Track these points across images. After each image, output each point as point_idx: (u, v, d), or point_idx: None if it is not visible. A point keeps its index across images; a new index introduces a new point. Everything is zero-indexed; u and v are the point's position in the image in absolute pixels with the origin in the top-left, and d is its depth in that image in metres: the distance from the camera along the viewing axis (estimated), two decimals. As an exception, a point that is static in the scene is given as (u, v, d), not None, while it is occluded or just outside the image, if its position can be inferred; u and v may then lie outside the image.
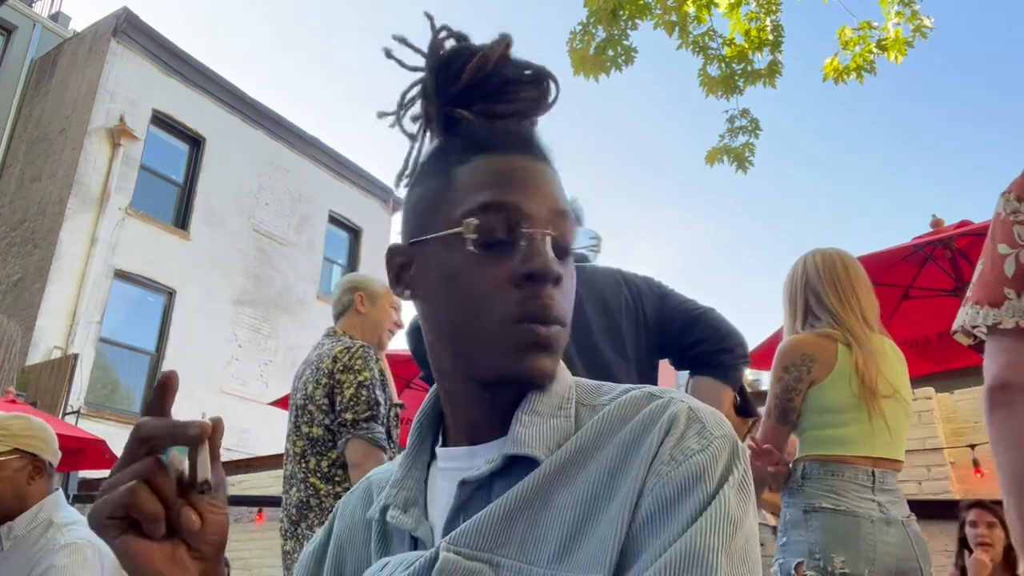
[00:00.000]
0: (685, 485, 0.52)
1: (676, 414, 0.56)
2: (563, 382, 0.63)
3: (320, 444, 2.10)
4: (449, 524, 0.59)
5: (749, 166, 4.30)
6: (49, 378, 7.92)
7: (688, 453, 0.54)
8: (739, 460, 0.55)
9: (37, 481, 1.76)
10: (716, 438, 0.55)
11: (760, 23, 4.20)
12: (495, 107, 0.64)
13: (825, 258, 1.99)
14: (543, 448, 0.57)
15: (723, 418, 0.58)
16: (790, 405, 1.88)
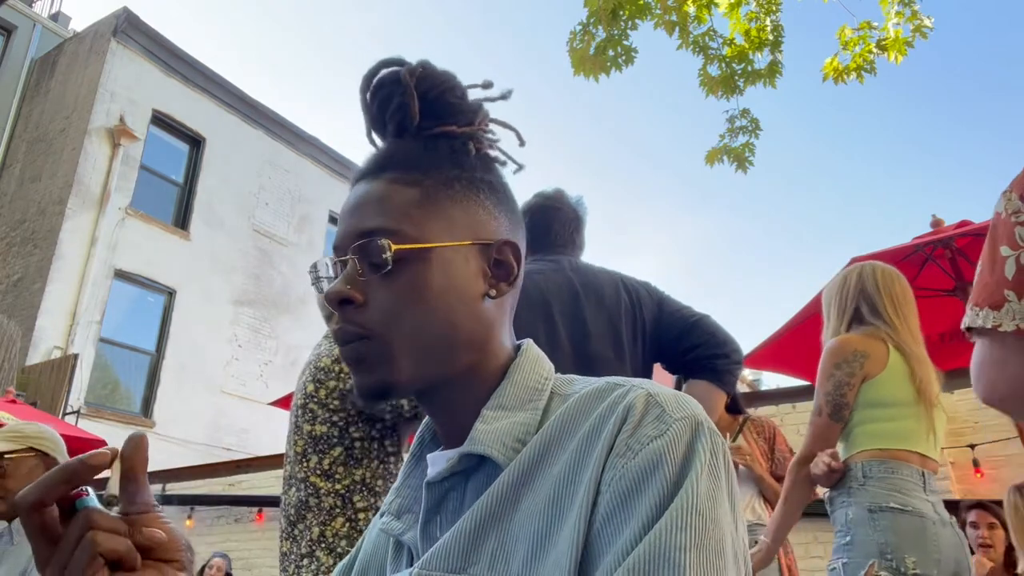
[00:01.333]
0: (642, 476, 0.49)
1: (633, 401, 0.53)
2: (534, 372, 0.61)
3: (323, 441, 2.09)
4: (423, 528, 0.59)
5: (749, 166, 4.30)
6: (49, 378, 7.92)
7: (644, 440, 0.50)
8: (704, 442, 0.50)
9: None
10: (676, 420, 0.51)
11: (760, 23, 4.20)
12: (369, 136, 0.66)
13: (885, 274, 2.04)
14: (498, 446, 0.56)
15: (688, 400, 0.54)
16: (843, 401, 1.90)
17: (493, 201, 0.63)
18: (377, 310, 0.58)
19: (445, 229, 0.60)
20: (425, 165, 0.62)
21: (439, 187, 0.61)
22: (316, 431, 2.10)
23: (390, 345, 0.58)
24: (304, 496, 2.07)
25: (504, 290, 0.62)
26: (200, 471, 7.05)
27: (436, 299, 0.58)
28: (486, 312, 0.61)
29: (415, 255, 0.58)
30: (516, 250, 0.63)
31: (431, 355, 0.59)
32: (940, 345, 4.89)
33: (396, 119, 0.63)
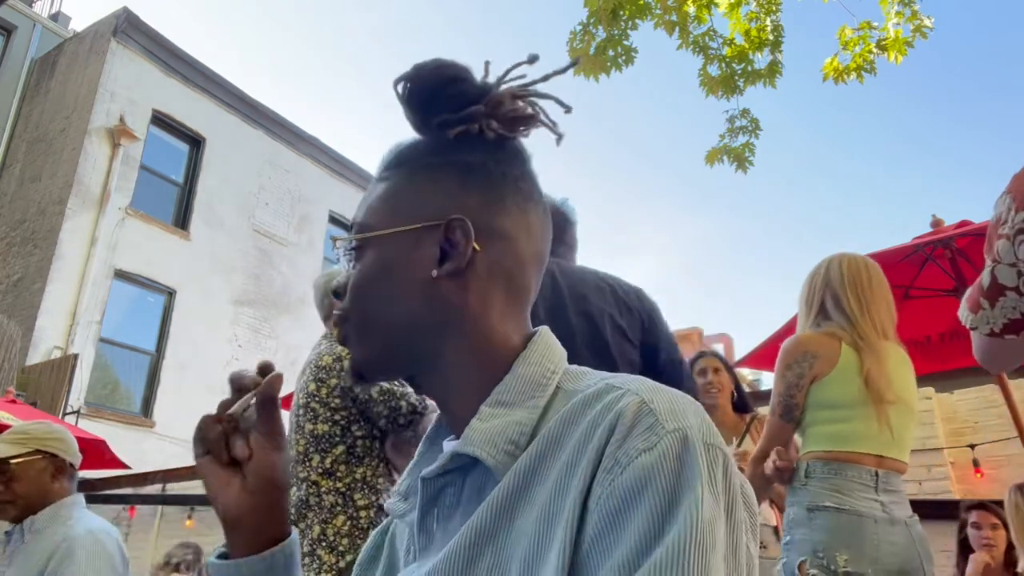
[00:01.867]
0: (630, 494, 0.45)
1: (623, 408, 0.49)
2: (539, 365, 0.59)
3: (325, 440, 2.09)
4: (420, 522, 0.59)
5: (749, 166, 4.30)
6: (49, 378, 7.92)
7: (632, 454, 0.46)
8: (701, 457, 0.46)
9: (59, 480, 1.87)
10: (667, 432, 0.46)
11: (760, 23, 4.20)
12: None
13: (851, 264, 2.01)
14: (488, 447, 0.54)
15: (687, 406, 0.49)
16: (793, 402, 1.89)
17: (458, 182, 0.61)
18: (348, 297, 0.63)
19: (396, 216, 0.62)
20: (400, 159, 0.64)
21: (403, 178, 0.63)
22: (318, 430, 2.10)
23: (353, 328, 0.62)
24: (305, 495, 2.07)
25: (448, 269, 0.59)
26: (200, 471, 7.04)
27: (383, 283, 0.61)
28: (446, 294, 0.59)
29: (369, 243, 0.62)
30: (465, 227, 0.59)
31: (385, 337, 0.61)
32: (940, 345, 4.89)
33: (410, 123, 0.65)
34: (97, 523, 1.82)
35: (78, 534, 1.73)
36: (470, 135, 0.62)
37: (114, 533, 1.81)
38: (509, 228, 0.62)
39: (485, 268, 0.60)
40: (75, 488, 1.91)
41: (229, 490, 0.60)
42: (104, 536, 1.76)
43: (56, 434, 1.91)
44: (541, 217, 0.65)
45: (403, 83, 0.63)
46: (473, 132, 0.62)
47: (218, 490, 0.60)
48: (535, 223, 0.64)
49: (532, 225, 0.63)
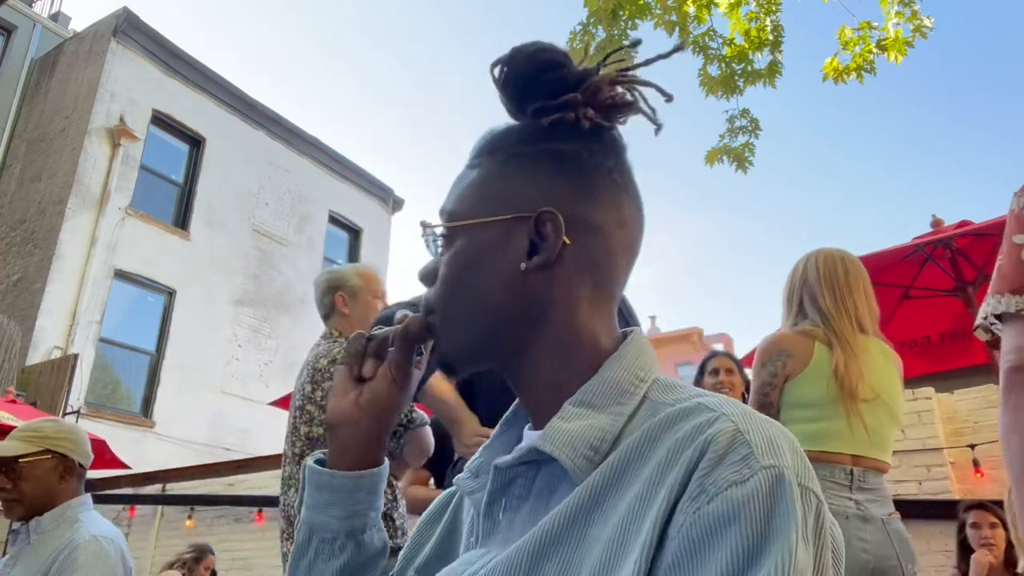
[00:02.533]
0: (716, 527, 0.43)
1: (716, 434, 0.46)
2: (629, 370, 0.57)
3: (320, 444, 2.09)
4: (487, 508, 0.59)
5: (749, 166, 4.30)
6: (49, 378, 7.92)
7: (721, 485, 0.44)
8: (796, 501, 0.44)
9: (67, 480, 1.85)
10: (762, 467, 0.44)
11: (760, 23, 4.20)
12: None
13: (827, 259, 2.00)
14: (568, 450, 0.53)
15: (784, 442, 0.47)
16: (767, 400, 1.89)
17: (550, 172, 0.60)
18: (438, 286, 0.63)
19: (487, 206, 0.61)
20: (493, 146, 0.63)
21: (496, 165, 0.62)
22: (313, 432, 2.09)
23: (441, 318, 0.62)
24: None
25: (536, 262, 0.58)
26: (200, 471, 7.05)
27: (471, 273, 0.60)
28: (534, 287, 0.59)
29: (459, 233, 0.61)
30: (555, 219, 0.58)
31: (473, 328, 0.61)
32: (940, 345, 4.89)
33: (505, 108, 0.64)
34: (102, 528, 1.80)
35: (81, 540, 1.71)
36: (565, 123, 0.60)
37: (118, 539, 1.79)
38: (600, 221, 0.60)
39: (574, 262, 0.59)
40: (83, 488, 1.89)
41: (344, 399, 0.65)
42: (107, 543, 1.74)
43: (67, 433, 1.88)
44: (634, 209, 0.63)
45: (500, 67, 0.61)
46: (569, 120, 0.60)
47: (336, 395, 0.65)
48: (628, 216, 0.62)
49: (625, 218, 0.62)
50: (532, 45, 0.61)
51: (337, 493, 0.64)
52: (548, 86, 0.60)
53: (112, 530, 1.82)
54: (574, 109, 0.60)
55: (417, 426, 2.07)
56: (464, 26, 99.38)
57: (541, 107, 0.60)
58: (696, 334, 26.64)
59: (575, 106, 0.60)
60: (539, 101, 0.60)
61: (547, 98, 0.60)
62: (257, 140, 11.77)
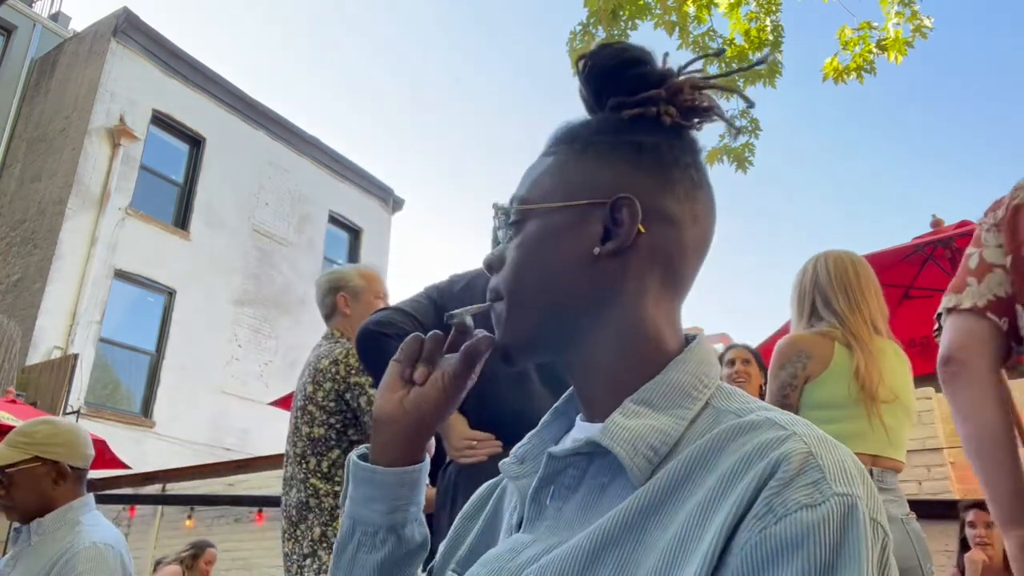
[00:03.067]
0: (783, 548, 0.43)
1: (788, 453, 0.46)
2: (694, 375, 0.57)
3: (321, 444, 2.09)
4: (534, 494, 0.58)
5: (749, 166, 4.30)
6: (49, 378, 7.93)
7: (792, 507, 0.43)
8: (866, 532, 0.43)
9: (62, 485, 1.81)
10: (834, 495, 0.43)
11: (760, 23, 4.20)
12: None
13: (837, 262, 2.00)
14: (628, 448, 0.52)
15: (855, 472, 0.46)
16: (786, 402, 1.88)
17: (630, 161, 0.60)
18: (507, 270, 0.62)
19: (562, 190, 0.61)
20: (571, 135, 0.63)
21: (573, 153, 0.62)
22: (314, 433, 2.10)
23: (508, 304, 0.61)
24: (304, 497, 2.07)
25: (611, 247, 0.58)
26: (200, 471, 7.05)
27: (542, 256, 0.60)
28: (603, 274, 0.58)
29: (532, 216, 0.61)
30: (632, 206, 0.58)
31: (540, 313, 0.60)
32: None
33: (583, 102, 0.65)
34: (103, 533, 1.76)
35: (81, 546, 1.68)
36: (646, 118, 0.61)
37: (119, 544, 1.76)
38: (676, 213, 0.60)
39: (647, 251, 0.59)
40: (84, 489, 1.86)
41: (391, 396, 0.64)
42: (106, 549, 1.71)
43: (59, 437, 1.83)
44: (708, 207, 0.63)
45: (584, 60, 0.63)
46: (649, 115, 0.61)
47: (383, 391, 0.65)
48: (701, 212, 0.62)
49: (699, 214, 0.62)
50: (618, 43, 0.63)
51: (379, 488, 0.65)
52: (630, 81, 0.61)
53: (113, 535, 1.79)
54: (656, 105, 0.61)
55: None
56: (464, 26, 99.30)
57: (621, 101, 0.61)
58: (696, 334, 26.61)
59: (657, 102, 0.61)
60: (620, 95, 0.61)
61: (628, 93, 0.61)
62: (257, 140, 11.77)
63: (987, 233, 1.25)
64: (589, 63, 0.62)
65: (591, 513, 0.54)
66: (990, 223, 1.25)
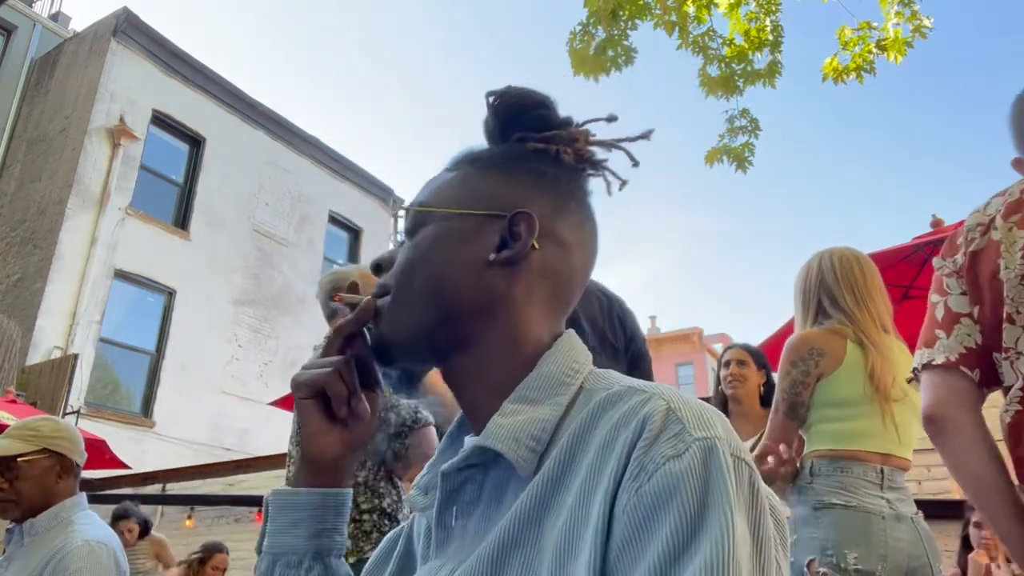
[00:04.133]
0: (657, 502, 0.45)
1: (651, 413, 0.48)
2: (563, 364, 0.59)
3: None
4: (439, 516, 0.59)
5: (749, 166, 4.30)
6: (49, 378, 7.92)
7: (659, 461, 0.46)
8: (728, 469, 0.45)
9: (64, 480, 1.83)
10: (695, 440, 0.46)
11: (760, 23, 4.20)
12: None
13: (843, 260, 1.98)
14: (510, 442, 0.54)
15: (713, 416, 0.49)
16: (798, 399, 1.87)
17: (529, 183, 0.64)
18: (396, 269, 0.64)
19: (461, 200, 0.63)
20: (474, 157, 0.67)
21: (476, 170, 0.65)
22: None
23: (396, 302, 0.62)
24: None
25: (504, 256, 0.60)
26: (200, 471, 7.06)
27: (437, 258, 0.61)
28: (493, 281, 0.60)
29: (430, 220, 0.63)
30: (531, 222, 0.61)
31: (428, 313, 0.61)
32: (940, 345, 4.88)
33: (486, 132, 0.69)
34: (96, 532, 1.77)
35: (74, 545, 1.69)
36: (547, 154, 0.65)
37: (112, 543, 1.77)
38: (568, 237, 0.64)
39: (538, 266, 0.62)
40: (78, 487, 1.88)
41: (328, 437, 0.64)
42: (100, 547, 1.71)
43: (63, 432, 1.86)
44: (594, 241, 0.68)
45: (495, 96, 0.67)
46: (551, 152, 0.65)
47: (317, 435, 0.64)
48: (588, 241, 0.66)
49: (586, 242, 0.66)
50: (525, 87, 0.67)
51: (303, 511, 0.64)
52: (536, 120, 0.66)
53: (106, 534, 1.79)
54: (558, 144, 0.65)
55: (421, 426, 2.08)
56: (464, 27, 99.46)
57: (526, 135, 0.66)
58: (696, 334, 26.66)
59: (560, 142, 0.65)
60: (525, 131, 0.66)
61: (533, 130, 0.66)
62: (257, 140, 11.77)
63: (949, 279, 1.27)
64: (499, 99, 0.66)
65: (493, 520, 0.54)
66: (951, 269, 1.26)
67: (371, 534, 2.00)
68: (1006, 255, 1.18)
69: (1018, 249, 1.16)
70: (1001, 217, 1.22)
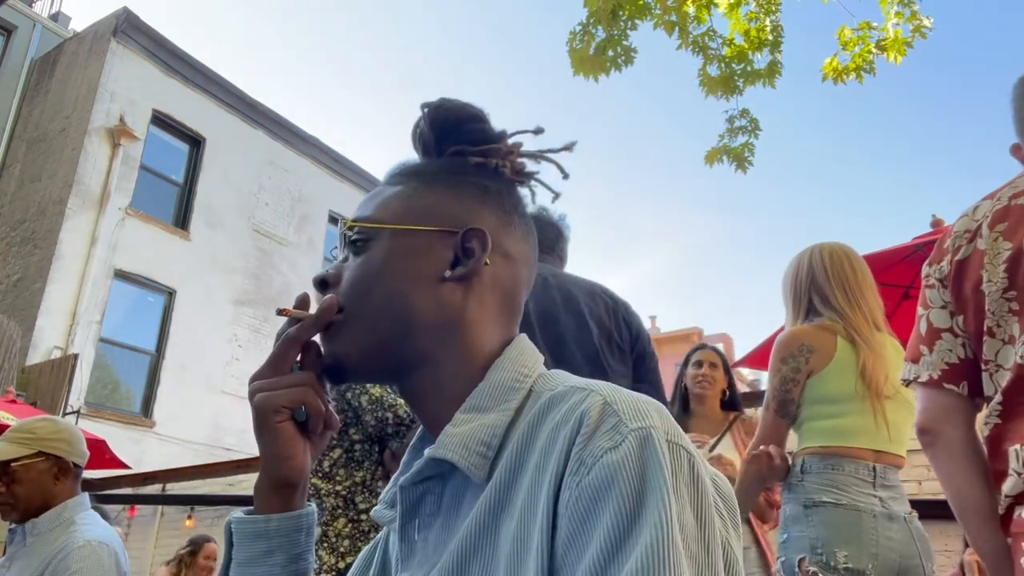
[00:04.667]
0: (597, 495, 0.45)
1: (588, 408, 0.49)
2: (513, 369, 0.60)
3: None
4: (401, 531, 0.59)
5: (749, 166, 4.30)
6: (49, 378, 7.93)
7: (597, 454, 0.46)
8: (664, 455, 0.46)
9: (62, 482, 1.82)
10: (631, 431, 0.47)
11: (760, 23, 4.20)
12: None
13: (833, 257, 1.96)
14: (460, 451, 0.54)
15: (649, 406, 0.50)
16: (788, 397, 1.86)
17: (476, 198, 0.65)
18: (344, 285, 0.62)
19: (411, 216, 0.63)
20: (416, 170, 0.67)
21: (422, 185, 0.65)
22: None
23: (348, 320, 0.61)
24: (305, 497, 2.07)
25: (459, 272, 0.61)
26: (200, 471, 7.05)
27: (389, 275, 0.61)
28: (447, 297, 0.61)
29: (379, 237, 0.62)
30: (483, 238, 0.62)
31: (382, 332, 0.60)
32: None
33: (419, 144, 0.69)
34: (97, 532, 1.76)
35: (75, 545, 1.68)
36: (486, 167, 0.66)
37: (114, 543, 1.76)
38: (514, 252, 0.65)
39: (490, 281, 0.63)
40: (79, 488, 1.86)
41: (304, 457, 0.63)
42: (101, 548, 1.71)
43: (61, 434, 1.85)
44: (535, 249, 0.69)
45: (431, 108, 0.67)
46: (490, 166, 0.66)
47: (295, 456, 0.62)
48: (531, 256, 0.68)
49: (529, 256, 0.67)
50: (459, 100, 0.67)
51: (276, 538, 0.62)
52: (471, 134, 0.66)
53: (108, 534, 1.79)
54: (496, 158, 0.66)
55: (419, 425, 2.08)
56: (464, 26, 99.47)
57: (463, 149, 0.66)
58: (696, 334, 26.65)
59: (498, 156, 0.67)
60: (460, 144, 0.66)
61: (469, 144, 0.66)
62: (257, 140, 11.76)
63: (931, 291, 1.27)
64: (435, 112, 0.67)
65: (453, 531, 0.55)
66: (935, 278, 1.26)
67: (368, 534, 2.00)
68: (989, 267, 1.16)
69: (1002, 262, 1.15)
70: (987, 226, 1.20)
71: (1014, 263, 1.13)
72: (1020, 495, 1.06)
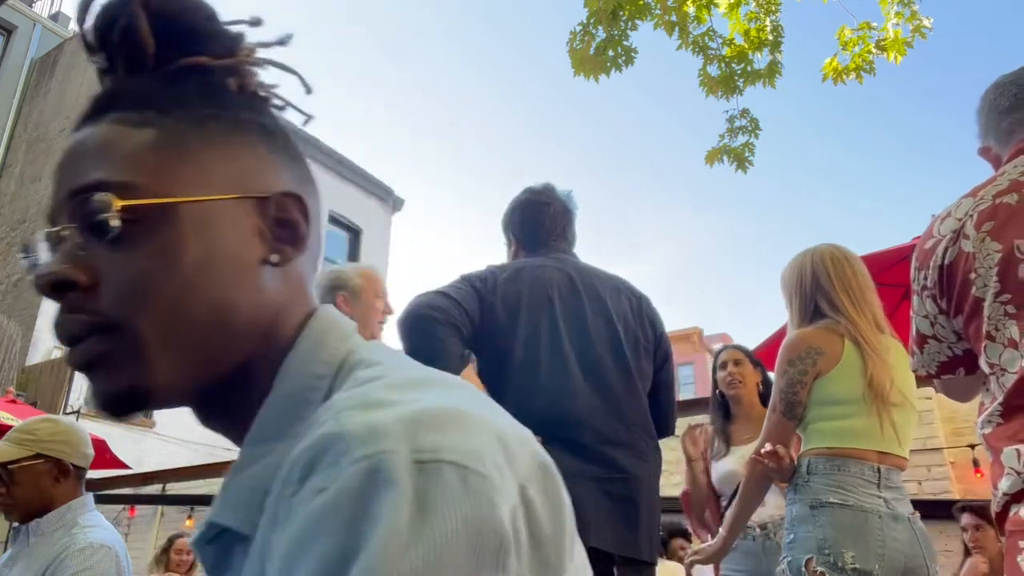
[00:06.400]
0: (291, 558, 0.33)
1: (311, 443, 0.35)
2: (301, 373, 0.45)
3: None
4: None
5: (749, 166, 4.30)
6: (49, 378, 7.93)
7: (307, 499, 0.33)
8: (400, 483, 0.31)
9: (63, 484, 1.79)
10: (356, 461, 0.32)
11: (760, 23, 4.20)
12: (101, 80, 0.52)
13: (835, 261, 1.97)
14: (242, 512, 0.42)
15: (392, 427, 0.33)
16: (795, 399, 1.87)
17: (267, 146, 0.49)
18: (113, 290, 0.43)
19: (198, 179, 0.45)
20: (163, 101, 0.47)
21: (185, 127, 0.46)
22: None
23: (138, 334, 0.42)
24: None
25: (289, 255, 0.47)
26: (200, 471, 7.05)
27: (194, 268, 0.43)
28: (269, 286, 0.46)
29: (157, 213, 0.43)
30: (303, 205, 0.48)
31: (198, 343, 0.44)
32: (940, 345, 4.88)
33: (124, 50, 0.48)
34: (99, 534, 1.75)
35: (77, 546, 1.68)
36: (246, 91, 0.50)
37: (116, 546, 1.74)
38: (314, 209, 0.50)
39: (308, 255, 0.49)
40: (83, 488, 1.84)
41: None
42: (103, 549, 1.70)
43: (61, 435, 1.83)
44: (308, 168, 0.54)
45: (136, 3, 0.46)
46: (247, 90, 0.50)
47: None
48: (314, 179, 0.53)
49: (316, 185, 0.53)
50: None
51: None
52: (201, 36, 0.48)
53: (110, 536, 1.77)
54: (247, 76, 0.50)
55: None
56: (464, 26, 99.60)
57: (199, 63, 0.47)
58: (696, 334, 26.67)
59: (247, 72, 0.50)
60: (191, 53, 0.47)
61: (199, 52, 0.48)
62: (257, 140, 11.76)
63: (915, 297, 1.29)
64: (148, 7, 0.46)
65: None
66: (919, 285, 1.27)
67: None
68: (981, 270, 1.15)
69: (993, 264, 1.13)
70: (973, 226, 1.17)
71: (1005, 265, 1.12)
72: (1017, 494, 1.06)
